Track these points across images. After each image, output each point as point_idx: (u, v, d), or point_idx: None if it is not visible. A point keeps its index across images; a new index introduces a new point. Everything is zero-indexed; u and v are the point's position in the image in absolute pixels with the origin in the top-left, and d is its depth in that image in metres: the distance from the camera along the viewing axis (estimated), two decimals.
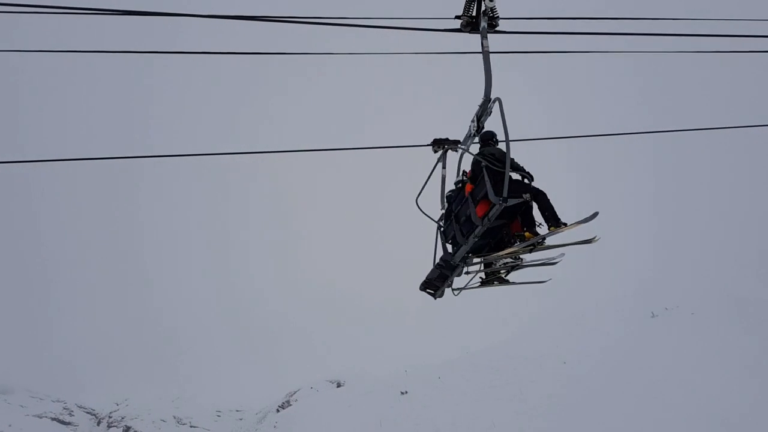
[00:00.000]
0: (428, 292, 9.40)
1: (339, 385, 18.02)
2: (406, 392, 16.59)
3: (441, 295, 9.21)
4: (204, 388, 18.26)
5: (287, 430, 16.05)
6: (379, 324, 20.39)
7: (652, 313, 18.74)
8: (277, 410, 17.10)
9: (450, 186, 8.50)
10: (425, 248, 9.44)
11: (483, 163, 6.13)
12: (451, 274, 8.84)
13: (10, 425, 15.07)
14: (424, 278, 9.16)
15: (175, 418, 16.95)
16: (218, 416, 17.24)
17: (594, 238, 7.04)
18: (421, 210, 7.29)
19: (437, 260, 8.98)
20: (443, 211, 8.43)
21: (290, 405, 17.22)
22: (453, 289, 8.93)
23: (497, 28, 5.12)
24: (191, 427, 16.68)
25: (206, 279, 27.96)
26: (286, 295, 26.43)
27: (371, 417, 15.47)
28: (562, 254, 7.15)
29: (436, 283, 9.08)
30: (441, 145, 7.41)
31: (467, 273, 8.06)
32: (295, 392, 17.50)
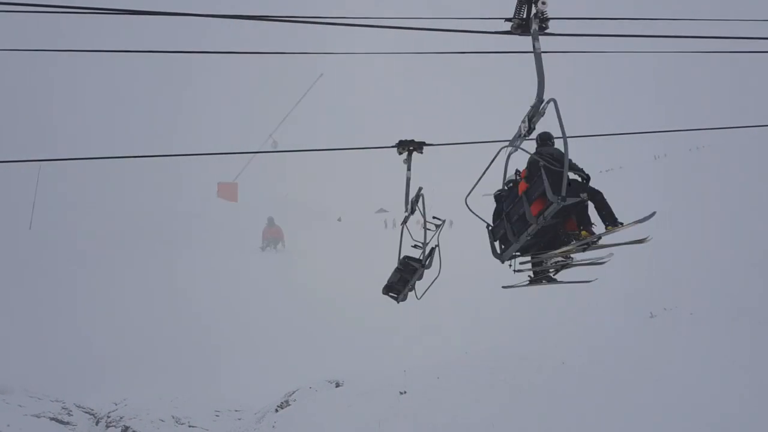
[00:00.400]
0: (391, 296, 9.39)
1: (338, 385, 17.99)
2: (405, 392, 16.58)
3: (404, 299, 9.22)
4: (202, 388, 18.22)
5: (286, 429, 16.00)
6: (378, 324, 20.36)
7: (651, 313, 18.74)
8: (276, 410, 17.07)
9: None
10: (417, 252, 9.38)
11: (541, 163, 6.13)
12: (412, 278, 8.86)
13: (8, 425, 15.01)
14: (386, 282, 9.15)
15: (173, 417, 16.89)
16: (217, 416, 17.19)
17: (646, 238, 7.03)
18: (470, 210, 7.24)
19: (397, 264, 8.96)
20: (407, 214, 8.41)
21: (289, 405, 17.18)
22: (503, 287, 8.87)
23: (547, 30, 5.12)
24: (190, 426, 16.61)
25: (204, 278, 27.94)
26: (285, 294, 26.40)
27: (370, 417, 15.45)
28: (611, 254, 7.15)
29: (397, 286, 9.06)
30: (406, 147, 7.39)
31: (517, 271, 8.02)
32: (294, 392, 17.47)
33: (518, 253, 7.57)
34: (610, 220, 7.11)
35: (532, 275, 8.09)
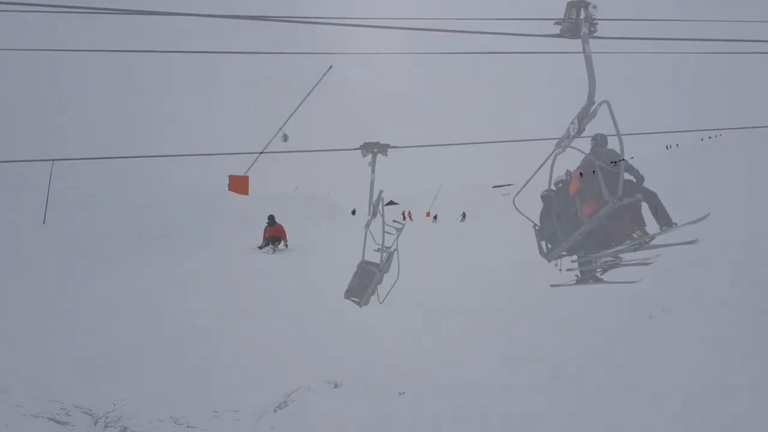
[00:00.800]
0: (353, 300, 9.43)
1: (336, 386, 17.94)
2: (404, 393, 16.58)
3: (366, 303, 9.28)
4: (201, 388, 18.13)
5: (285, 430, 15.99)
6: (377, 323, 20.32)
7: (650, 314, 18.74)
8: (275, 410, 17.02)
9: (381, 189, 8.45)
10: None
11: (597, 163, 6.25)
12: (371, 282, 8.93)
13: (7, 425, 14.92)
14: (347, 286, 9.19)
15: (172, 418, 16.79)
16: (215, 416, 17.09)
17: (696, 239, 7.11)
18: (519, 210, 7.32)
19: (356, 269, 9.01)
20: (369, 217, 8.47)
21: (287, 405, 17.14)
22: (551, 285, 8.97)
23: (595, 34, 5.15)
24: (188, 427, 16.52)
25: (203, 278, 27.73)
26: (283, 293, 26.30)
27: (369, 417, 15.44)
28: (658, 255, 7.26)
29: (357, 291, 9.12)
30: (370, 149, 7.48)
31: (568, 270, 8.10)
32: (293, 392, 17.42)
33: (565, 253, 7.64)
34: (665, 221, 7.18)
35: (579, 275, 8.15)
